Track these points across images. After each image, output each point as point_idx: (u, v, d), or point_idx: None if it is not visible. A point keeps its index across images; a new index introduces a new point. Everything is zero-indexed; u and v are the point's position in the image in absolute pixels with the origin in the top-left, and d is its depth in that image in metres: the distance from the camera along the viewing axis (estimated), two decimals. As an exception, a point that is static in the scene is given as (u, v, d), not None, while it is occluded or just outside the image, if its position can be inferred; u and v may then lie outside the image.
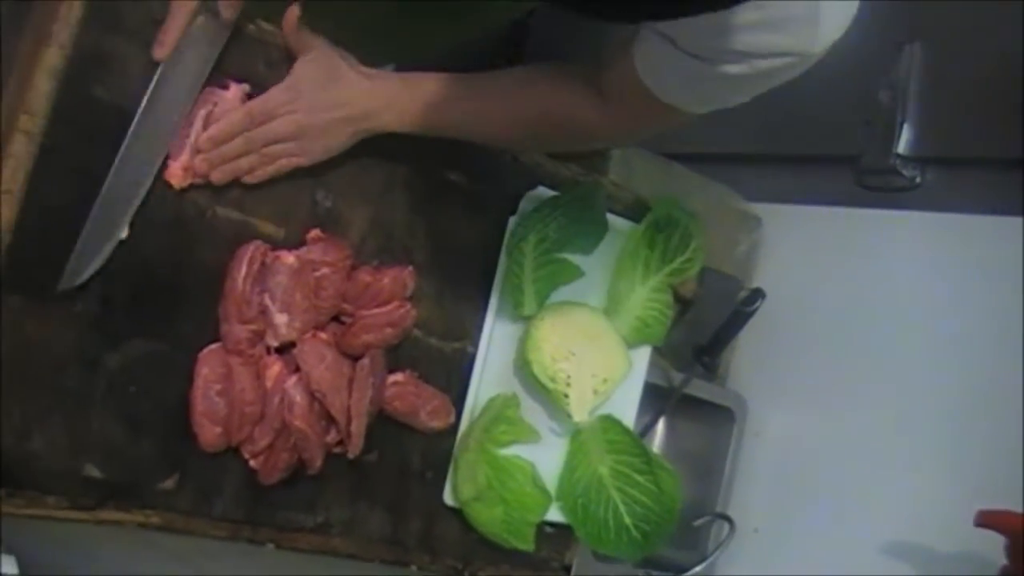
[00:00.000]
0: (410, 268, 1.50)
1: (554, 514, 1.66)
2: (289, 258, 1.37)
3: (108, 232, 1.28)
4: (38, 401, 1.24)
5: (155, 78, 1.29)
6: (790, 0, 1.10)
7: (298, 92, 1.35)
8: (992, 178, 1.87)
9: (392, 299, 1.48)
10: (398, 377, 1.49)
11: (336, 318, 1.45)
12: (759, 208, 2.06)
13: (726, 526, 1.90)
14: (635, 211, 1.71)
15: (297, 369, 1.39)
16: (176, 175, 1.32)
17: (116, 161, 1.27)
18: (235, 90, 1.35)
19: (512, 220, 1.59)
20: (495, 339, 1.61)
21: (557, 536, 1.71)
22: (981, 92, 1.31)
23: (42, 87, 1.20)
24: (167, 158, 1.31)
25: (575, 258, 1.66)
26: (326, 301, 1.41)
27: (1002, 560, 1.51)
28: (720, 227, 1.98)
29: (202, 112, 1.33)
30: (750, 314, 1.84)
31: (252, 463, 1.39)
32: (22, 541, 1.27)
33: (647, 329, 1.69)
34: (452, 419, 1.57)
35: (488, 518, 1.57)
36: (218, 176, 1.35)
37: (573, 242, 1.65)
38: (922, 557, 1.74)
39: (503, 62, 1.49)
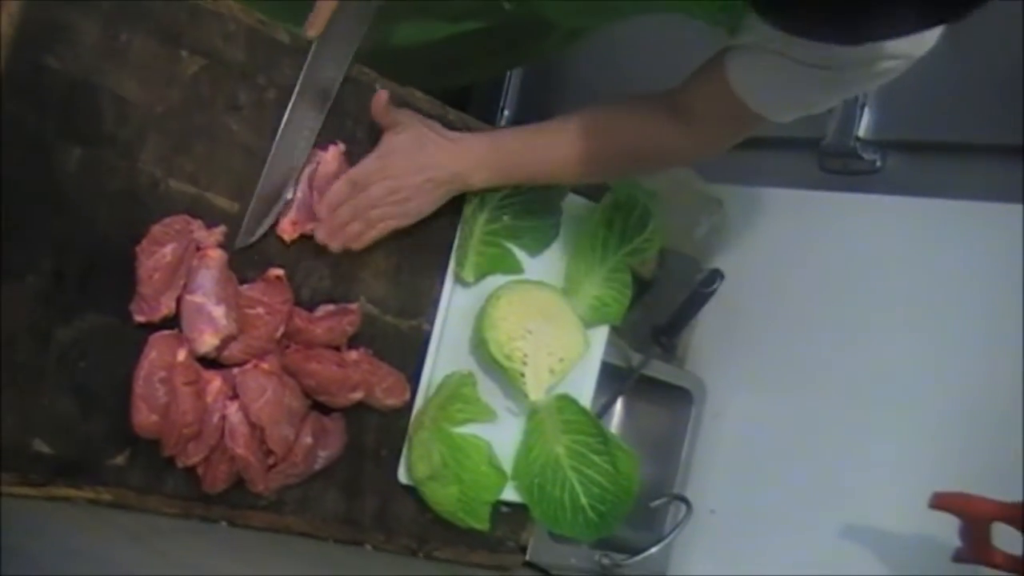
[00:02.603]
0: (353, 312, 1.49)
1: (510, 494, 1.65)
2: (215, 252, 1.35)
3: (276, 194, 1.42)
4: (-13, 376, 1.23)
5: (310, 53, 1.41)
6: None
7: (390, 160, 1.46)
8: (952, 162, 1.88)
9: (330, 344, 1.47)
10: (353, 355, 1.48)
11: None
12: (720, 189, 2.06)
13: (683, 507, 1.91)
14: (594, 190, 1.70)
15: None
16: (287, 230, 1.43)
17: (280, 127, 1.41)
18: (334, 151, 1.46)
19: (470, 197, 1.58)
20: (451, 317, 1.61)
21: (513, 516, 1.70)
22: (941, 77, 1.31)
23: (-8, 56, 1.19)
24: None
25: (520, 254, 1.66)
26: (257, 340, 1.38)
27: (956, 542, 1.53)
28: (681, 208, 1.98)
29: (307, 172, 1.45)
30: (708, 295, 1.84)
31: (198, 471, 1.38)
32: (21, 539, 1.25)
33: (605, 309, 1.69)
34: (407, 397, 1.56)
35: (443, 497, 1.56)
36: (336, 244, 1.47)
37: (521, 238, 1.66)
38: (878, 539, 1.75)
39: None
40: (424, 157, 1.47)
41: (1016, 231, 1.72)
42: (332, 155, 1.46)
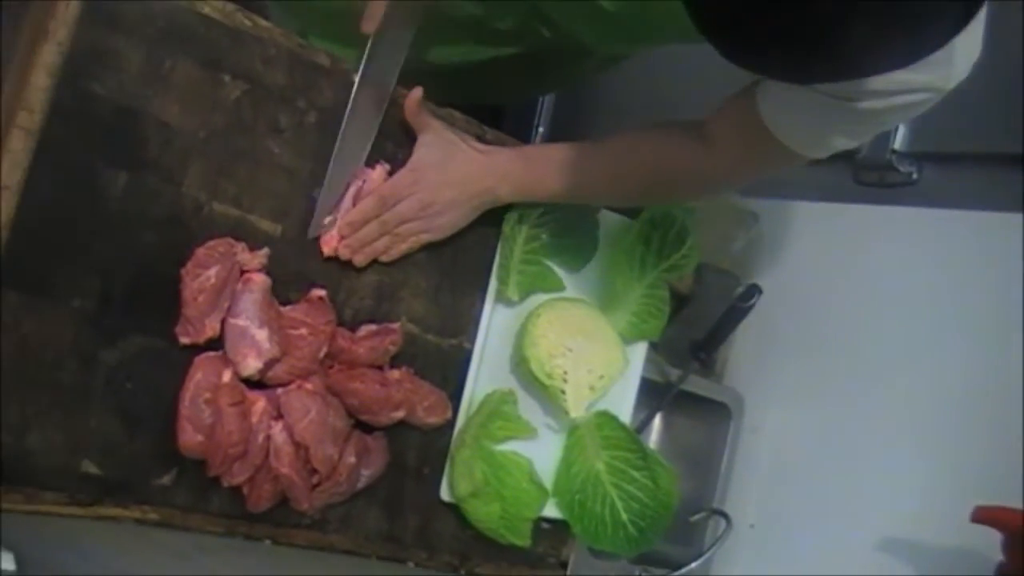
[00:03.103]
0: (395, 332, 1.50)
1: (551, 510, 1.66)
2: (258, 277, 1.36)
3: (340, 191, 1.45)
4: (36, 398, 1.24)
5: (365, 52, 1.42)
6: None
7: (421, 174, 1.47)
8: (989, 174, 1.87)
9: (372, 363, 1.48)
10: (395, 373, 1.49)
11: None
12: (756, 204, 2.06)
13: (723, 522, 1.90)
14: (631, 207, 1.71)
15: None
16: (329, 244, 1.45)
17: (342, 129, 1.43)
18: (380, 170, 1.48)
19: (509, 213, 1.59)
20: (492, 335, 1.61)
21: (554, 532, 1.71)
22: (977, 88, 1.31)
23: (40, 84, 1.21)
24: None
25: (561, 272, 1.67)
26: (301, 361, 1.39)
27: (999, 556, 1.52)
28: (717, 223, 1.99)
29: (352, 189, 1.46)
30: (747, 310, 1.84)
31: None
32: (20, 538, 1.27)
33: (644, 325, 1.69)
34: (449, 415, 1.56)
35: (485, 514, 1.57)
36: (360, 259, 1.48)
37: (561, 255, 1.67)
38: (919, 553, 1.74)
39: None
40: (455, 171, 1.48)
41: (1055, 243, 1.72)
42: (378, 174, 1.48)
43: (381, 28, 1.40)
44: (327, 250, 1.45)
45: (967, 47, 1.16)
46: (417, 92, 1.45)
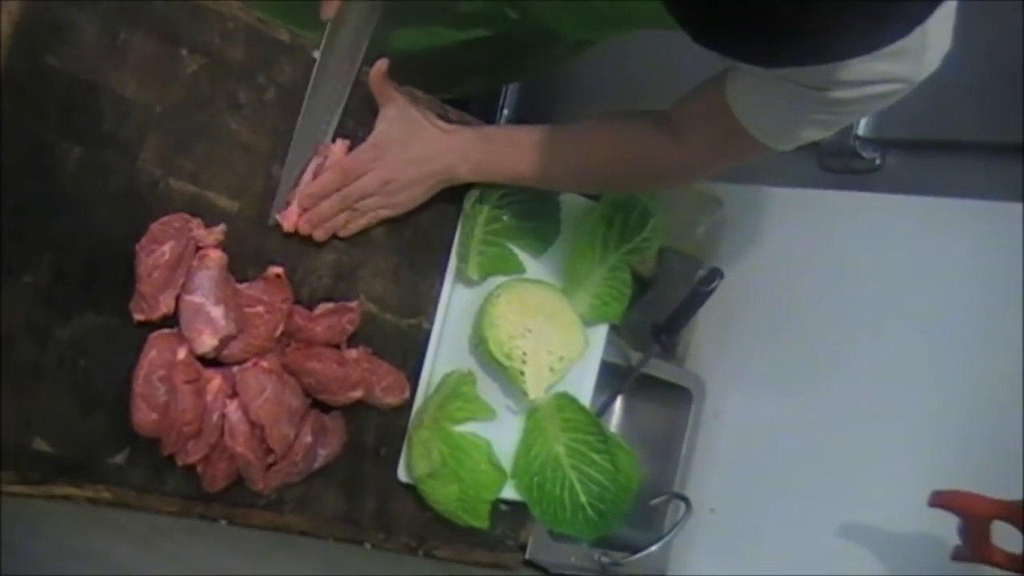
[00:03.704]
0: (353, 311, 1.49)
1: (509, 492, 1.65)
2: (215, 253, 1.35)
3: (299, 171, 1.45)
4: (-13, 374, 1.23)
5: (325, 34, 1.42)
6: None
7: (383, 149, 1.47)
8: (953, 161, 1.88)
9: (329, 342, 1.47)
10: (353, 353, 1.48)
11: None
12: (720, 188, 2.06)
13: (683, 506, 1.90)
14: (593, 193, 1.70)
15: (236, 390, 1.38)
16: (289, 219, 1.44)
17: (302, 110, 1.43)
18: (340, 145, 1.47)
19: (470, 192, 1.58)
20: (451, 315, 1.61)
21: (512, 514, 1.70)
22: (941, 76, 1.31)
23: (-8, 55, 1.19)
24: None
25: (522, 255, 1.67)
26: (257, 339, 1.38)
27: (956, 540, 1.52)
28: (680, 207, 1.98)
29: (313, 165, 1.46)
30: (708, 293, 1.83)
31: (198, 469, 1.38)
32: (19, 538, 1.25)
33: (605, 307, 1.69)
34: (407, 395, 1.56)
35: (443, 495, 1.56)
36: (320, 234, 1.47)
37: (522, 238, 1.66)
38: (877, 538, 1.75)
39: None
40: (416, 149, 1.48)
41: (1016, 229, 1.72)
42: (340, 148, 1.47)
43: (339, 14, 1.40)
44: (287, 225, 1.44)
45: (939, 39, 1.17)
46: (382, 63, 1.44)
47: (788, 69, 1.19)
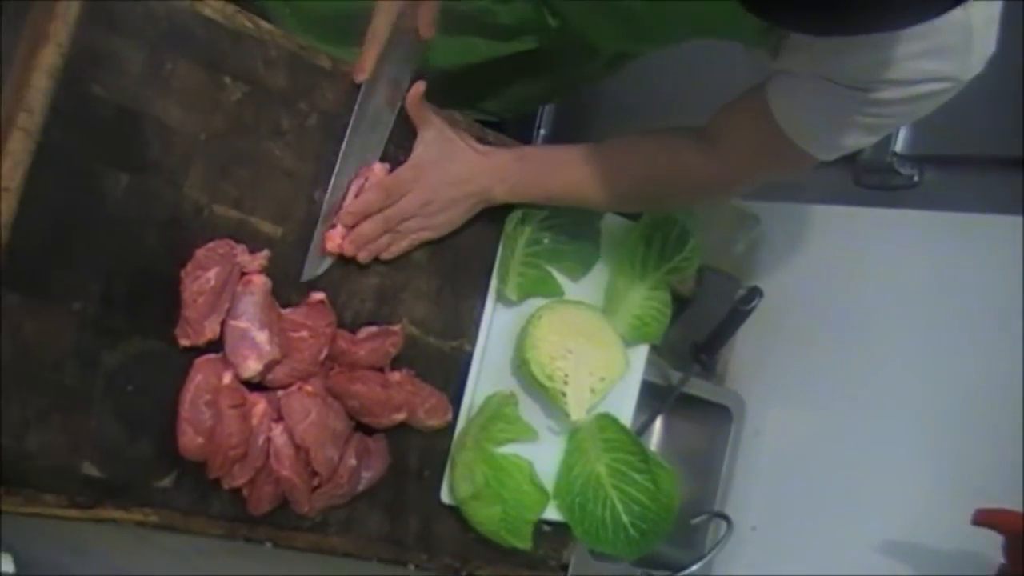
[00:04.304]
0: (396, 334, 1.49)
1: (551, 512, 1.66)
2: (259, 279, 1.36)
3: (339, 200, 1.45)
4: (36, 400, 1.24)
5: (360, 95, 1.44)
6: (946, 30, 1.14)
7: (421, 170, 1.47)
8: (990, 176, 1.87)
9: (373, 366, 1.48)
10: (396, 376, 1.49)
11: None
12: (757, 206, 2.06)
13: (724, 524, 1.90)
14: (631, 212, 1.71)
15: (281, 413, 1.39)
16: (333, 240, 1.44)
17: (335, 170, 1.44)
18: (381, 167, 1.47)
19: (512, 214, 1.59)
20: (493, 337, 1.61)
21: (554, 535, 1.71)
22: (979, 90, 1.31)
23: (40, 85, 1.20)
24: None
25: (560, 277, 1.67)
26: (301, 363, 1.39)
27: (1000, 559, 1.52)
28: (718, 225, 1.98)
29: (355, 187, 1.46)
30: (748, 312, 1.84)
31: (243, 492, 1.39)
32: (19, 540, 1.27)
33: (645, 327, 1.69)
34: (450, 417, 1.56)
35: (486, 516, 1.57)
36: (364, 255, 1.47)
37: (562, 261, 1.67)
38: (920, 555, 1.74)
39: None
40: (456, 170, 1.49)
41: (1060, 246, 1.72)
42: (380, 170, 1.47)
43: (386, 45, 1.42)
44: (331, 246, 1.44)
45: (984, 40, 1.17)
46: (419, 87, 1.45)
47: (835, 66, 1.21)
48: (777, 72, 1.31)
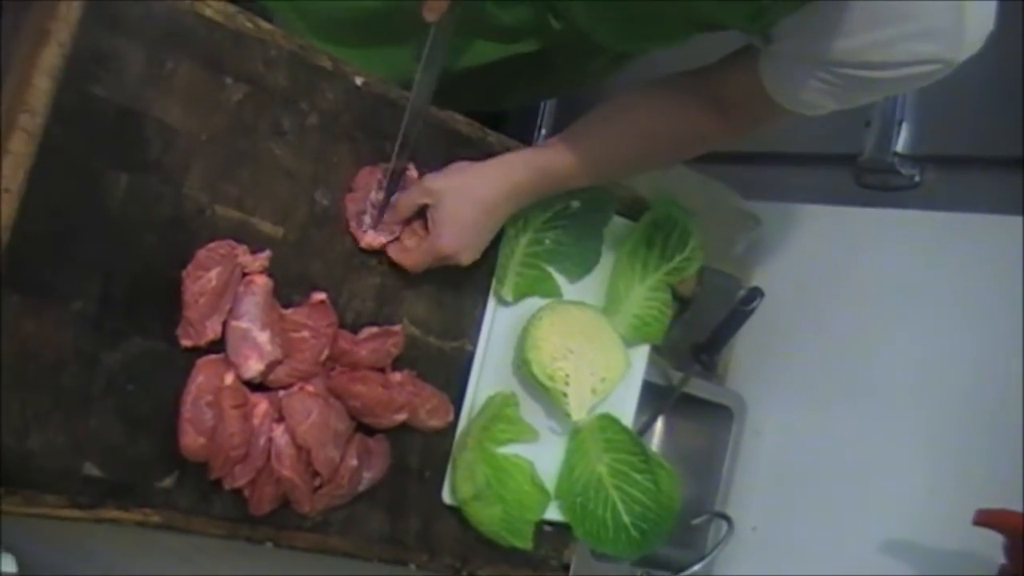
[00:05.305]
0: (397, 334, 1.49)
1: (553, 513, 1.66)
2: (260, 279, 1.36)
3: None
4: (37, 400, 1.24)
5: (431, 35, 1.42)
6: (936, 11, 1.16)
7: (453, 239, 1.47)
8: (991, 177, 1.87)
9: (374, 366, 1.48)
10: (397, 376, 1.49)
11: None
12: (758, 207, 2.06)
13: (724, 525, 1.90)
14: (634, 210, 1.71)
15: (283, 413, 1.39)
16: (368, 237, 1.47)
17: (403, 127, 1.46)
18: (414, 171, 1.50)
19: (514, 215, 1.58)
20: (494, 338, 1.61)
21: (556, 535, 1.71)
22: (979, 91, 1.31)
23: (41, 86, 1.20)
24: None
25: (560, 279, 1.67)
26: (302, 363, 1.39)
27: (1000, 559, 1.52)
28: (719, 226, 1.98)
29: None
30: (749, 313, 1.84)
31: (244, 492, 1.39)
32: (21, 540, 1.27)
33: (646, 328, 1.69)
34: (451, 418, 1.56)
35: (487, 517, 1.57)
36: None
37: (563, 262, 1.67)
38: (920, 556, 1.74)
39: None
40: (475, 223, 1.48)
41: (1060, 246, 1.72)
42: (413, 172, 1.50)
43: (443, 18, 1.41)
44: (365, 244, 1.47)
45: (979, 20, 1.17)
46: (413, 189, 1.48)
47: (825, 48, 1.22)
48: (767, 52, 1.32)
